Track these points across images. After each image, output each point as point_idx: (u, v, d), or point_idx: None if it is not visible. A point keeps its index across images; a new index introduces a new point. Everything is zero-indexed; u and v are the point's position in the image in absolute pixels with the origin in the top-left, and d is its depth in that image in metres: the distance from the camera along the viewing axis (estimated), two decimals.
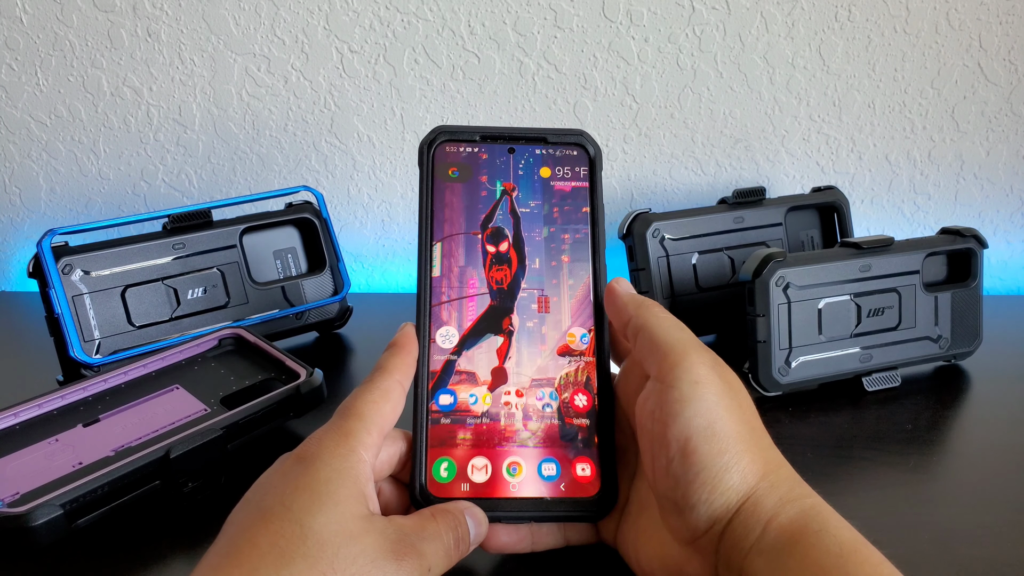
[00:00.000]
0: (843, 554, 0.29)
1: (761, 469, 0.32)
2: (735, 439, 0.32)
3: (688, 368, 0.33)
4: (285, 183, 0.77)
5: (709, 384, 0.33)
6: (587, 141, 0.40)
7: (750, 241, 0.63)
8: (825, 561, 0.28)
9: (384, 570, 0.30)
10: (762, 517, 0.31)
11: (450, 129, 0.39)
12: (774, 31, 0.70)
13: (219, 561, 0.29)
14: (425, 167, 0.39)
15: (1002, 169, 0.73)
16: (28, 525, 0.36)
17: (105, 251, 0.56)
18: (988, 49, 0.69)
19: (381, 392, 0.34)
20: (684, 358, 0.33)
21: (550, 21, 0.70)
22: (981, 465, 0.46)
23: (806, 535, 0.30)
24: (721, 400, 0.33)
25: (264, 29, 0.72)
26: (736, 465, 0.32)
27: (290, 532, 0.29)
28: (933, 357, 0.56)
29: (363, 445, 0.33)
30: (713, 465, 0.31)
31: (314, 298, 0.64)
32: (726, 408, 0.33)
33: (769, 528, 0.30)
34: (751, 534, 0.30)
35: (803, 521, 0.30)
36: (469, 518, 0.34)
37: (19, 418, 0.46)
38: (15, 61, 0.74)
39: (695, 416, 0.32)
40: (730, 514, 0.31)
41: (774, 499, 0.31)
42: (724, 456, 0.32)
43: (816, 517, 0.30)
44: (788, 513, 0.31)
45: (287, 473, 0.31)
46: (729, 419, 0.32)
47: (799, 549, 0.29)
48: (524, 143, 0.39)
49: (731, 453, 0.32)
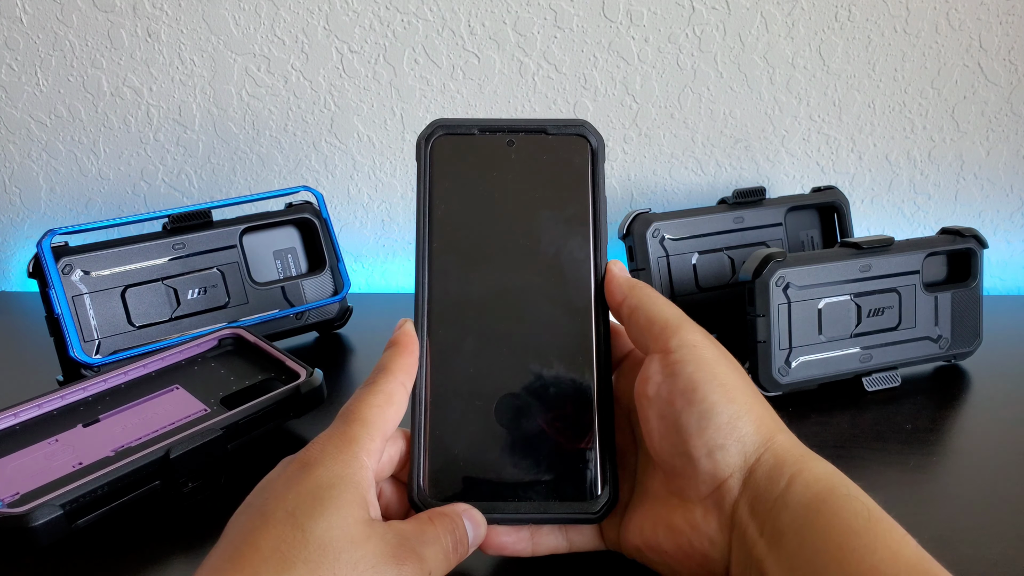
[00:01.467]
0: (872, 519, 0.29)
1: (772, 424, 0.33)
2: (741, 390, 0.33)
3: (684, 336, 0.34)
4: (285, 183, 0.77)
5: (706, 347, 0.34)
6: (588, 131, 0.39)
7: (750, 241, 0.63)
8: (854, 523, 0.28)
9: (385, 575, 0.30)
10: (786, 470, 0.31)
11: (448, 122, 0.38)
12: (774, 31, 0.70)
13: (220, 564, 0.29)
14: (423, 161, 0.38)
15: (1002, 169, 0.73)
16: (28, 525, 0.36)
17: (105, 251, 0.56)
18: (988, 49, 0.69)
19: (385, 396, 0.34)
20: (679, 328, 0.34)
21: (550, 21, 0.70)
22: (981, 465, 0.46)
23: (834, 496, 0.29)
24: (720, 359, 0.34)
25: (264, 29, 0.72)
26: (748, 414, 0.32)
27: (292, 537, 0.29)
28: (933, 357, 0.56)
29: (366, 451, 0.32)
30: (724, 411, 0.32)
31: (314, 298, 0.64)
32: (726, 365, 0.34)
33: (795, 482, 0.30)
34: (776, 486, 0.30)
35: (830, 481, 0.30)
36: (467, 521, 0.34)
37: (19, 418, 0.46)
38: (15, 61, 0.74)
39: (697, 370, 0.33)
40: (749, 463, 0.32)
41: (796, 455, 0.31)
42: (734, 404, 0.32)
43: (842, 480, 0.31)
44: (813, 471, 0.31)
45: (290, 478, 0.31)
46: (731, 373, 0.33)
47: (827, 508, 0.29)
48: (524, 135, 0.39)
49: (740, 402, 0.32)
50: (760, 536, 0.30)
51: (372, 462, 0.33)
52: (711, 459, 0.32)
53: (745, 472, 0.32)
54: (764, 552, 0.30)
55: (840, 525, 0.29)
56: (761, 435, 0.32)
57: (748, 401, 0.33)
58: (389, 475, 0.36)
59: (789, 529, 0.29)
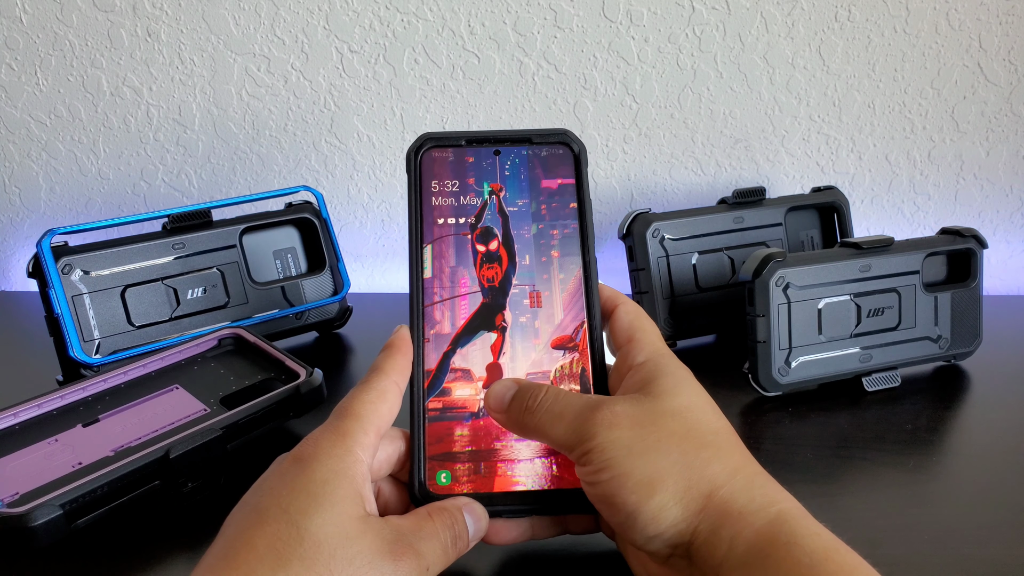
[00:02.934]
0: (814, 564, 0.28)
1: (705, 485, 0.31)
2: (665, 469, 0.32)
3: (599, 424, 0.33)
4: (285, 183, 0.77)
5: (625, 425, 0.33)
6: (571, 139, 0.40)
7: (750, 241, 0.63)
8: (796, 573, 0.28)
9: (382, 570, 0.30)
10: (724, 534, 0.30)
11: (436, 136, 0.40)
12: (774, 31, 0.70)
13: (216, 563, 0.29)
14: (413, 174, 0.40)
15: (1002, 169, 0.73)
16: (28, 525, 0.36)
17: (105, 251, 0.56)
18: (988, 49, 0.69)
19: (377, 392, 0.34)
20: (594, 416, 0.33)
21: (550, 21, 0.70)
22: (981, 465, 0.46)
23: (775, 548, 0.29)
24: (644, 431, 0.32)
25: (264, 29, 0.72)
26: (672, 498, 0.31)
27: (287, 534, 0.29)
28: (933, 357, 0.56)
29: (360, 445, 0.33)
30: (646, 510, 0.31)
31: (314, 298, 0.64)
32: (652, 436, 0.32)
33: (736, 544, 0.30)
34: (717, 552, 0.30)
35: (771, 533, 0.29)
36: (467, 515, 0.34)
37: (19, 418, 0.46)
38: (15, 61, 0.74)
39: (612, 476, 0.32)
40: (685, 539, 0.31)
41: (735, 511, 0.31)
42: (654, 497, 0.31)
43: (784, 528, 0.30)
44: (754, 526, 0.30)
45: (284, 474, 0.31)
46: (656, 447, 0.32)
47: (770, 563, 0.29)
48: (509, 145, 0.40)
49: (661, 490, 0.31)
50: None
51: (366, 456, 0.33)
52: (651, 545, 0.32)
53: (686, 545, 0.31)
54: None
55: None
56: (691, 510, 0.31)
57: (673, 476, 0.31)
58: (387, 474, 0.36)
59: None
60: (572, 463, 0.36)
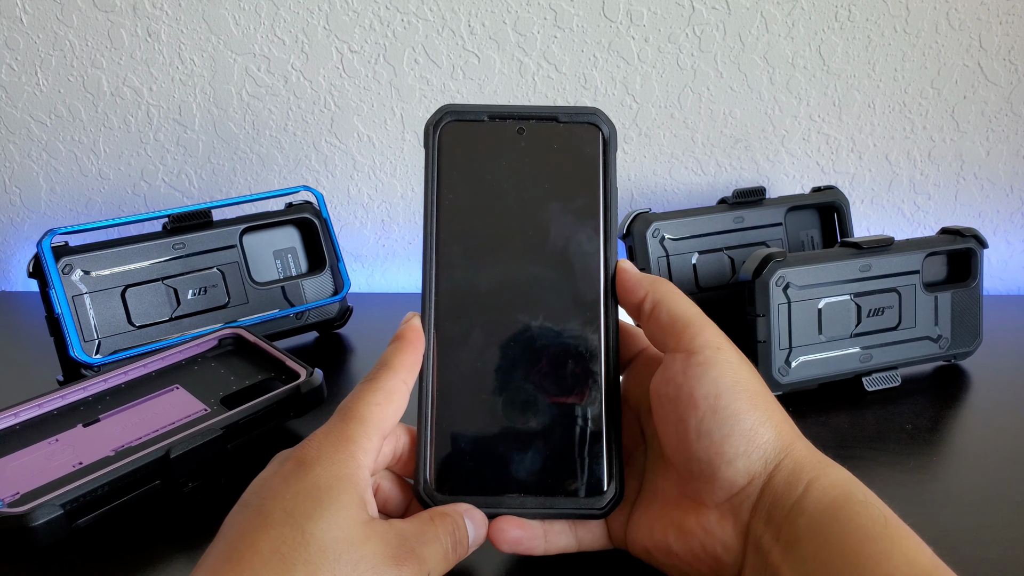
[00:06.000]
0: (888, 525, 0.29)
1: (791, 432, 0.33)
2: (763, 397, 0.33)
3: (708, 338, 0.34)
4: (285, 183, 0.77)
5: (730, 351, 0.34)
6: (601, 120, 0.37)
7: (750, 241, 0.63)
8: (871, 529, 0.28)
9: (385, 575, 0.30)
10: (803, 476, 0.31)
11: (457, 109, 0.37)
12: (774, 31, 0.70)
13: (219, 566, 0.29)
14: (431, 149, 0.37)
15: (1002, 169, 0.73)
16: (28, 525, 0.36)
17: (105, 251, 0.56)
18: (988, 49, 0.69)
19: (384, 393, 0.34)
20: (703, 329, 0.34)
21: (550, 21, 0.70)
22: (981, 465, 0.46)
23: (851, 502, 0.30)
24: (742, 364, 0.34)
25: (264, 29, 0.72)
26: (769, 421, 0.32)
27: (291, 538, 0.29)
28: (933, 357, 0.56)
29: (363, 450, 0.32)
30: (747, 418, 0.32)
31: (314, 298, 0.64)
32: (748, 371, 0.34)
33: (812, 488, 0.30)
34: (793, 492, 0.30)
35: (847, 488, 0.30)
36: (468, 521, 0.34)
37: (19, 418, 0.46)
38: (15, 61, 0.74)
39: (721, 375, 0.33)
40: (768, 469, 0.32)
41: (813, 461, 0.32)
42: (756, 411, 0.32)
43: (859, 487, 0.31)
44: (831, 477, 0.31)
45: (286, 476, 0.31)
46: (753, 380, 0.33)
47: (843, 514, 0.29)
48: (534, 122, 0.37)
49: (762, 409, 0.32)
50: (776, 542, 0.30)
51: (368, 461, 0.33)
52: (732, 466, 0.32)
53: (764, 479, 0.32)
54: (780, 558, 0.30)
55: (857, 531, 0.29)
56: (781, 442, 0.32)
57: (769, 408, 0.33)
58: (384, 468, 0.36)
59: (805, 535, 0.29)
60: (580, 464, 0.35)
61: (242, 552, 0.29)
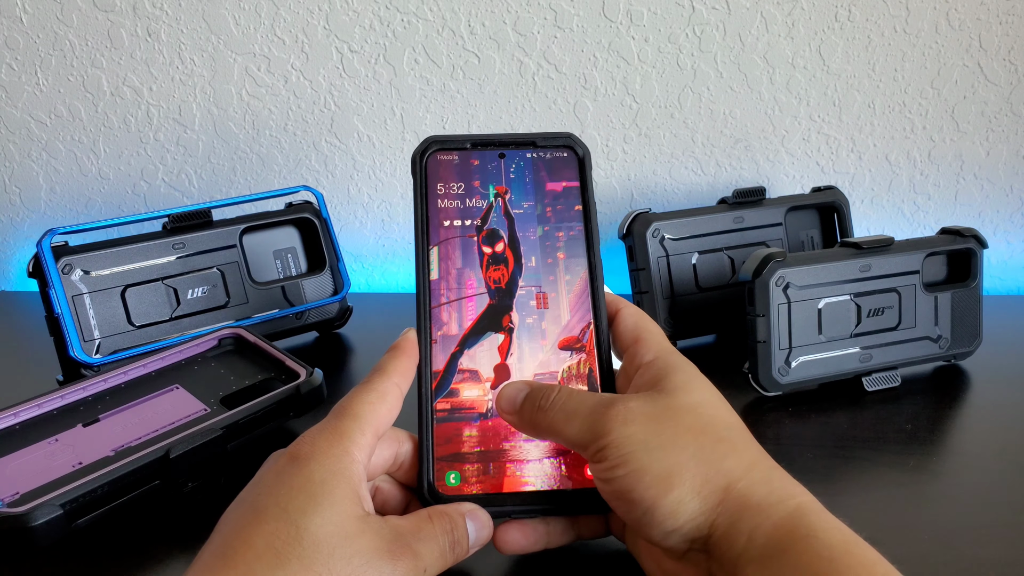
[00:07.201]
0: (833, 558, 0.28)
1: (722, 480, 0.31)
2: (682, 463, 0.31)
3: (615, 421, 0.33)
4: (285, 183, 0.77)
5: (641, 421, 0.33)
6: (575, 143, 0.41)
7: (750, 241, 0.63)
8: (816, 566, 0.28)
9: (380, 570, 0.30)
10: (743, 527, 0.30)
11: (441, 138, 0.40)
12: (774, 31, 0.70)
13: (214, 562, 0.29)
14: (418, 176, 0.40)
15: (1002, 169, 0.73)
16: (28, 525, 0.37)
17: (105, 251, 0.56)
18: (988, 49, 0.69)
19: (378, 393, 0.34)
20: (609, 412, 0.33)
21: (550, 21, 0.70)
22: (981, 465, 0.46)
23: (795, 540, 0.29)
24: (658, 429, 0.32)
25: (264, 29, 0.72)
26: (690, 492, 0.31)
27: (285, 533, 0.29)
28: (933, 357, 0.56)
29: (357, 446, 0.33)
30: (664, 505, 0.31)
31: (314, 298, 0.64)
32: (669, 430, 0.32)
33: (755, 536, 0.30)
34: (735, 545, 0.30)
35: (791, 525, 0.30)
36: (471, 521, 0.34)
37: (19, 418, 0.46)
38: (15, 61, 0.74)
39: (628, 471, 0.32)
40: (703, 532, 0.31)
41: (754, 504, 0.31)
42: (672, 492, 0.31)
43: (803, 521, 0.30)
44: (774, 518, 0.30)
45: (281, 473, 0.31)
46: (673, 442, 0.32)
47: (789, 557, 0.29)
48: (514, 148, 0.40)
49: (679, 484, 0.31)
50: None
51: (363, 456, 0.33)
52: (669, 540, 0.32)
53: (704, 539, 0.31)
54: None
55: (801, 571, 0.28)
56: (709, 504, 0.31)
57: (691, 470, 0.31)
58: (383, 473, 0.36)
59: None
60: (582, 463, 0.36)
61: (236, 547, 0.29)
